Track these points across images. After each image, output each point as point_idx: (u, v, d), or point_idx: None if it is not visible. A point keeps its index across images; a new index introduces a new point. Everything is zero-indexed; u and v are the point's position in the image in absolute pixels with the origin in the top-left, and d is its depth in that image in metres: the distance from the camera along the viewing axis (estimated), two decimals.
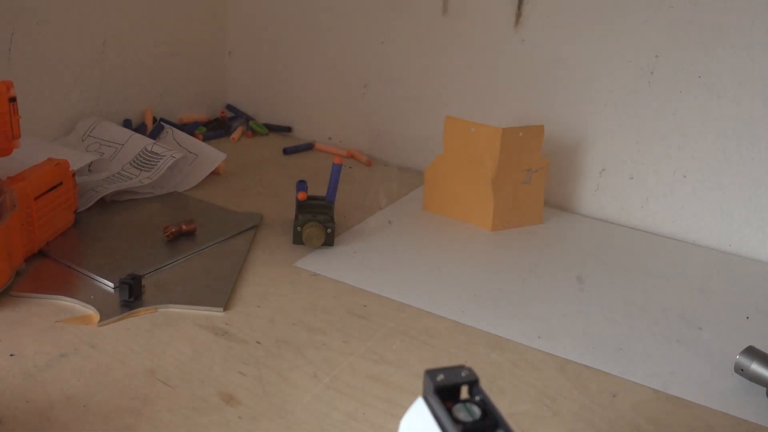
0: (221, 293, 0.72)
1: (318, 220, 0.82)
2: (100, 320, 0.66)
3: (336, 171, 0.85)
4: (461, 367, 0.39)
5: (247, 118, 1.29)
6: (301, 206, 0.85)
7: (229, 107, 1.31)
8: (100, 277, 0.72)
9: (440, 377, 0.38)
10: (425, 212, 0.97)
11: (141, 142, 0.99)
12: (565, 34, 0.97)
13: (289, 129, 1.27)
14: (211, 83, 1.29)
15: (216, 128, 1.23)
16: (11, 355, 0.60)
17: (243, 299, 0.72)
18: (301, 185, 0.87)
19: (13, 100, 0.70)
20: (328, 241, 0.83)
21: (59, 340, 0.63)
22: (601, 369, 0.65)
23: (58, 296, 0.69)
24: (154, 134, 1.07)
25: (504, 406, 0.59)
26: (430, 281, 0.78)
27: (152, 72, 1.17)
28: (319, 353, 0.64)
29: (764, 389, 0.62)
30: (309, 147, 1.20)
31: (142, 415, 0.54)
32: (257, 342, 0.65)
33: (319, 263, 0.80)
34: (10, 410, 0.53)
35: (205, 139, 1.18)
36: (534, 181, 0.93)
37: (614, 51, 0.94)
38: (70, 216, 0.82)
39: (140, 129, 1.10)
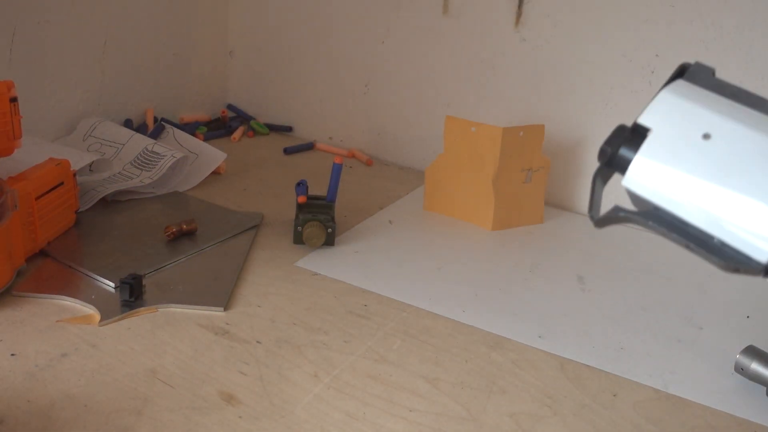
0: (222, 293, 0.72)
1: (319, 219, 0.82)
2: (101, 320, 0.66)
3: (336, 171, 0.86)
4: None
5: (248, 118, 1.29)
6: (301, 206, 0.85)
7: (230, 107, 1.31)
8: (101, 276, 0.73)
9: None
10: (426, 212, 0.97)
11: (142, 141, 0.99)
12: (566, 34, 0.97)
13: (289, 129, 1.27)
14: (212, 83, 1.29)
15: (217, 128, 1.23)
16: (12, 354, 0.60)
17: (244, 299, 0.72)
18: (301, 188, 0.87)
19: (14, 100, 0.70)
20: (329, 241, 0.83)
21: (60, 339, 0.63)
22: (602, 368, 0.65)
23: (59, 296, 0.69)
24: (155, 134, 1.07)
25: (504, 406, 0.59)
26: (430, 281, 0.78)
27: (153, 72, 1.17)
28: (320, 353, 0.64)
29: (764, 388, 0.62)
30: (310, 147, 1.20)
31: (143, 415, 0.54)
32: (258, 342, 0.65)
33: (320, 263, 0.80)
34: (12, 410, 0.54)
35: (206, 139, 1.18)
36: (535, 180, 0.93)
37: (615, 50, 0.94)
38: (71, 216, 0.82)
39: (141, 129, 1.11)
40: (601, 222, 0.41)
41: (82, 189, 0.88)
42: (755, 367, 0.62)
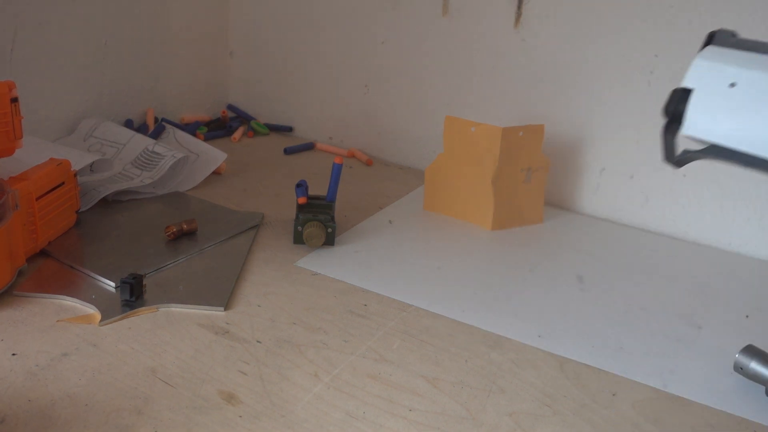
0: (222, 293, 0.72)
1: (319, 219, 0.82)
2: (102, 320, 0.66)
3: (336, 170, 0.86)
4: None
5: (249, 118, 1.29)
6: (301, 206, 0.85)
7: (231, 107, 1.32)
8: (102, 276, 0.73)
9: None
10: (426, 212, 0.97)
11: (142, 142, 0.99)
12: (565, 34, 0.97)
13: (290, 129, 1.27)
14: (213, 83, 1.29)
15: (217, 128, 1.24)
16: (13, 354, 0.60)
17: (244, 299, 0.72)
18: (301, 189, 0.87)
19: (15, 100, 0.70)
20: (329, 241, 0.83)
21: (61, 339, 0.63)
22: (601, 368, 0.65)
23: (60, 296, 0.69)
24: (156, 134, 1.07)
25: (504, 405, 0.59)
26: (430, 280, 0.78)
27: (154, 72, 1.17)
28: (320, 352, 0.64)
29: (763, 388, 0.63)
30: (310, 147, 1.20)
31: (143, 414, 0.54)
32: (258, 341, 0.65)
33: (320, 263, 0.80)
34: (12, 409, 0.54)
35: (207, 139, 1.18)
36: (534, 180, 0.93)
37: (614, 50, 0.94)
38: (72, 216, 0.82)
39: (142, 129, 1.11)
40: (678, 161, 0.51)
41: (82, 189, 0.88)
42: (754, 366, 0.62)
